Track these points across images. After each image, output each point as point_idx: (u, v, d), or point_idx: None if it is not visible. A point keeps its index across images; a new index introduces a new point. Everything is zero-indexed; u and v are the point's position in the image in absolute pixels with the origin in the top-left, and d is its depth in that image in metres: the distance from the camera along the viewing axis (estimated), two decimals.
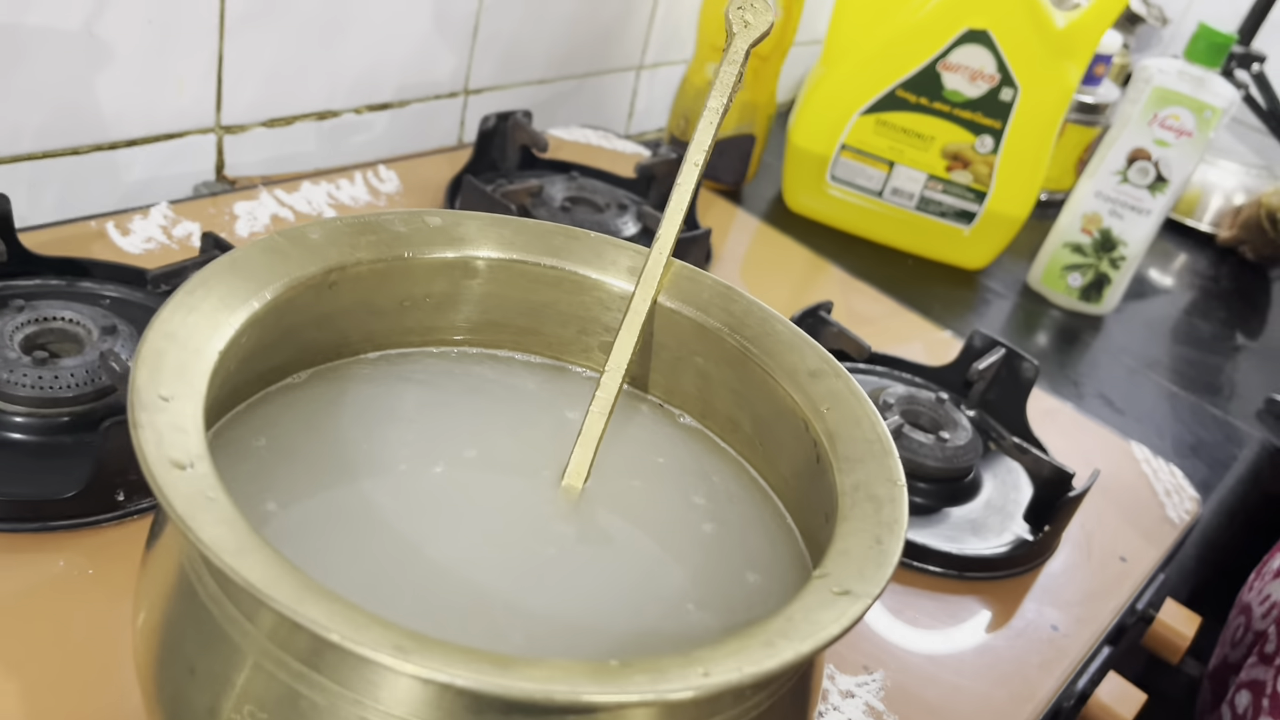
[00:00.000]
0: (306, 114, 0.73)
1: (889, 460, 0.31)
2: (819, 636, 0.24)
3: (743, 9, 0.36)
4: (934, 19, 0.85)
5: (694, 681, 0.23)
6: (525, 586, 0.31)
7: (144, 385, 0.26)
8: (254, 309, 0.30)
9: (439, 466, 0.34)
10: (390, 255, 0.35)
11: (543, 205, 0.68)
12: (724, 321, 0.36)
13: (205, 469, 0.25)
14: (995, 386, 0.66)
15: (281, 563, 0.23)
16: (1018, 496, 0.60)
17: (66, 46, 0.59)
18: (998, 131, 0.87)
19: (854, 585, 0.26)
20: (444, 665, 0.21)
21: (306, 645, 0.24)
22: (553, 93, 0.88)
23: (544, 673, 0.22)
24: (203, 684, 0.26)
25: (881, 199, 0.91)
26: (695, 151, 0.36)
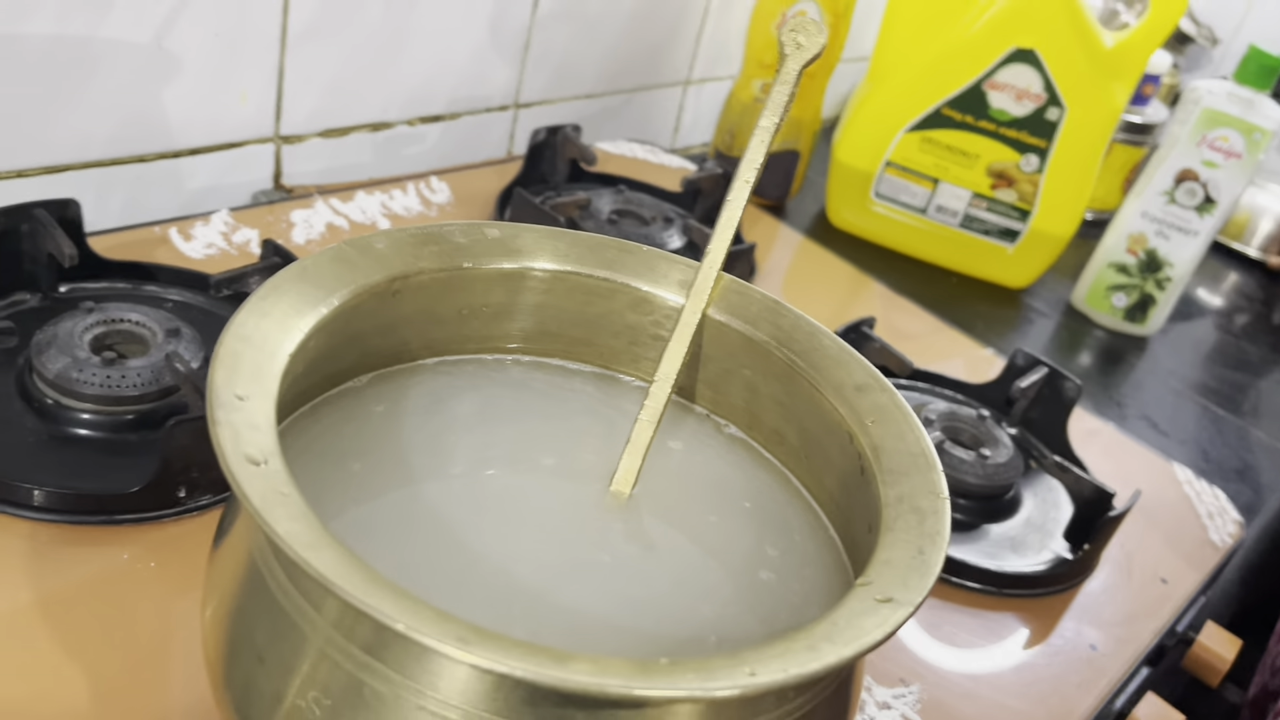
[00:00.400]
0: (361, 125, 0.75)
1: (933, 474, 0.32)
2: (862, 641, 0.25)
3: (795, 31, 0.37)
4: (981, 37, 0.85)
5: (740, 680, 0.24)
6: (574, 587, 0.32)
7: (221, 385, 0.27)
8: (322, 314, 0.32)
9: (492, 470, 0.36)
10: (451, 265, 0.36)
11: (590, 218, 0.70)
12: (771, 335, 0.37)
13: (278, 466, 0.26)
14: (1037, 405, 0.66)
15: (351, 558, 0.24)
16: (1058, 515, 0.61)
17: (137, 59, 0.61)
18: (1043, 151, 0.87)
19: (897, 593, 0.27)
20: (504, 657, 0.22)
21: (370, 635, 0.26)
22: (601, 107, 0.90)
23: (598, 667, 0.23)
24: (271, 671, 0.27)
25: (925, 216, 0.92)
26: (747, 169, 0.37)
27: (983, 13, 0.84)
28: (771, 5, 0.87)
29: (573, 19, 0.82)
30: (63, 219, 0.54)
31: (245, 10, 0.64)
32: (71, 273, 0.54)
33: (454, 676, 0.25)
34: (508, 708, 0.25)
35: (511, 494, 0.35)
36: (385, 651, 0.25)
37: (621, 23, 0.86)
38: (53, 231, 0.52)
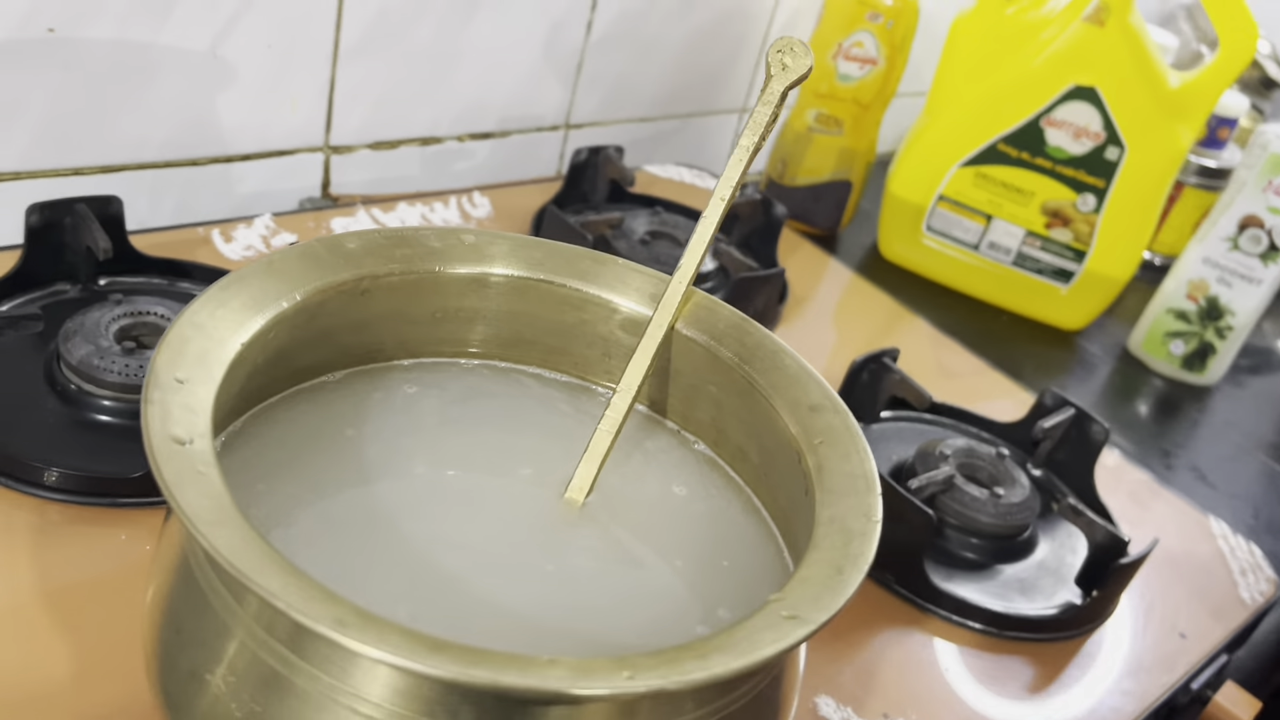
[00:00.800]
0: (411, 139, 0.77)
1: (870, 497, 0.31)
2: (752, 656, 0.25)
3: (782, 52, 0.38)
4: (1041, 73, 0.84)
5: (616, 683, 0.24)
6: (515, 589, 0.33)
7: (162, 367, 0.28)
8: (283, 308, 0.33)
9: (451, 472, 0.36)
10: (422, 268, 0.37)
11: (623, 237, 0.70)
12: (735, 352, 0.37)
13: (204, 447, 0.27)
14: (1064, 447, 0.65)
15: (256, 539, 0.25)
16: (1074, 560, 0.59)
17: (193, 66, 0.64)
18: (1101, 191, 0.85)
19: (805, 611, 0.27)
20: (376, 641, 0.23)
21: (278, 622, 0.26)
22: (654, 131, 0.91)
23: (471, 658, 0.23)
24: (192, 653, 0.28)
25: (978, 252, 0.90)
26: (724, 187, 0.38)
27: (1043, 48, 0.83)
28: (828, 34, 0.87)
29: (627, 42, 0.84)
30: (105, 215, 0.56)
31: (298, 23, 0.67)
32: (110, 267, 0.57)
33: (367, 674, 0.25)
34: (422, 707, 0.25)
35: (467, 497, 0.36)
36: (299, 642, 0.26)
37: (677, 48, 0.87)
38: (91, 226, 0.55)
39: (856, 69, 0.87)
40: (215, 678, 0.27)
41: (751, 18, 0.91)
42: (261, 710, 0.27)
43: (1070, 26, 0.83)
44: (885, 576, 0.55)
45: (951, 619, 0.54)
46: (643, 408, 0.41)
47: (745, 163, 0.38)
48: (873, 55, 0.86)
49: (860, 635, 0.52)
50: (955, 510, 0.57)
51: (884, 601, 0.54)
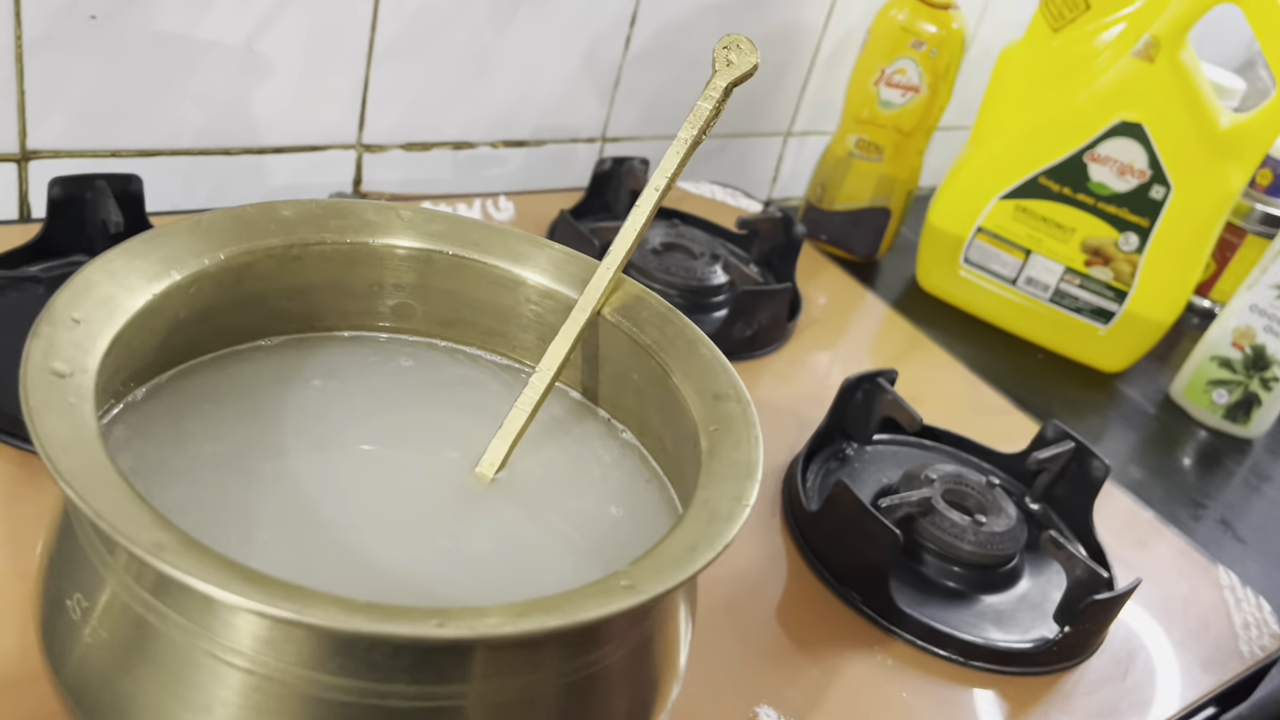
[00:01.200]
0: (444, 142, 0.79)
1: (748, 482, 0.31)
2: (571, 618, 0.25)
3: (728, 49, 0.38)
4: (1086, 107, 0.82)
5: (421, 629, 0.24)
6: (403, 554, 0.33)
7: (61, 305, 0.30)
8: (204, 264, 0.34)
9: (370, 445, 0.37)
10: (356, 240, 0.38)
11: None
12: (654, 339, 0.37)
13: (84, 381, 0.28)
14: (1064, 482, 0.63)
15: (108, 467, 0.26)
16: (1059, 596, 0.57)
17: (230, 59, 0.67)
18: (1145, 230, 0.83)
19: (642, 583, 0.27)
20: (193, 567, 0.24)
21: (151, 574, 0.27)
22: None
23: (278, 591, 0.24)
24: (62, 584, 0.29)
25: (1015, 287, 0.88)
26: (659, 176, 0.38)
27: (1090, 82, 0.82)
28: (871, 61, 0.86)
29: (666, 59, 0.84)
30: (124, 192, 0.59)
31: (333, 22, 0.69)
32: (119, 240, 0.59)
33: (230, 622, 0.26)
34: (283, 656, 0.26)
35: (379, 469, 0.36)
36: (162, 588, 0.27)
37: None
38: (107, 202, 0.57)
39: (898, 96, 0.86)
40: (80, 617, 0.28)
41: (796, 44, 0.92)
42: (124, 654, 0.28)
43: (1119, 61, 0.81)
44: (851, 595, 0.54)
45: (915, 643, 0.53)
46: (575, 394, 0.41)
47: (683, 155, 0.38)
48: (915, 83, 0.86)
49: (817, 650, 0.51)
50: (934, 535, 0.56)
51: (847, 619, 0.53)
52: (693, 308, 0.70)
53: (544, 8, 0.76)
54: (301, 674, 0.27)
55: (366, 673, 0.27)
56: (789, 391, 0.69)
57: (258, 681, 0.27)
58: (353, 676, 0.27)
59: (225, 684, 0.27)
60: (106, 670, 0.28)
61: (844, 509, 0.53)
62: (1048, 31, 0.84)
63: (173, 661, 0.27)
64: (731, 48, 0.38)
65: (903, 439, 0.65)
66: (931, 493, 0.57)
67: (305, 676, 0.27)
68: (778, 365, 0.71)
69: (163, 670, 0.27)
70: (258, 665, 0.27)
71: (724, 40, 0.38)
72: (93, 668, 0.28)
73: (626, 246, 0.38)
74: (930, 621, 0.53)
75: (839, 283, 0.85)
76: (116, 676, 0.28)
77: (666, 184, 0.38)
